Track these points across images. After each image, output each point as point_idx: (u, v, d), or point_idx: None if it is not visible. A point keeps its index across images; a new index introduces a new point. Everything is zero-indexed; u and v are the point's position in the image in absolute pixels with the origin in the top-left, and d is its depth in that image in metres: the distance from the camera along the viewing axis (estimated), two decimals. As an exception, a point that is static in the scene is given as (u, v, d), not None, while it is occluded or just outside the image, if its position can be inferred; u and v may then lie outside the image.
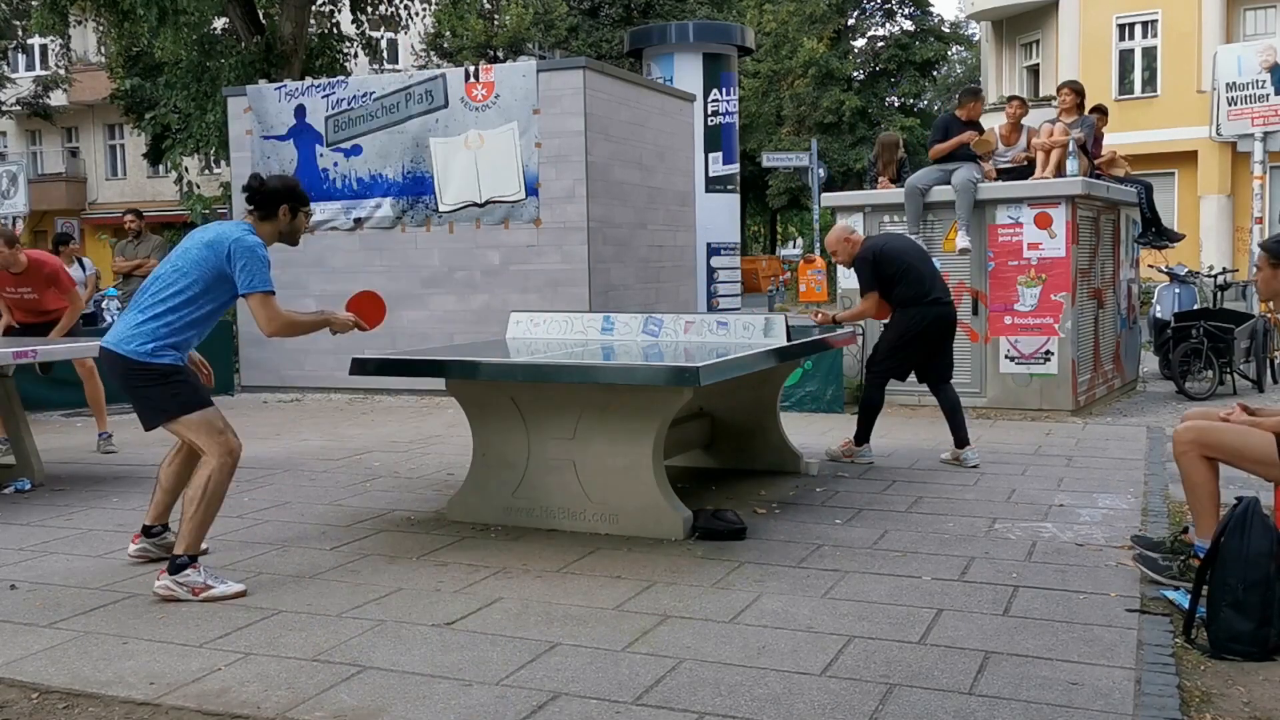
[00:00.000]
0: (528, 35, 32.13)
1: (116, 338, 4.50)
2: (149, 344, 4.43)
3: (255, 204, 4.66)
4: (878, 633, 3.87)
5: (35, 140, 40.69)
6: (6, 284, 8.00)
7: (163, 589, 4.37)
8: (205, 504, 4.44)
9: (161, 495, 4.93)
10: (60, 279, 8.06)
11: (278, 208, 4.65)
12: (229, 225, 4.61)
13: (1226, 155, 23.07)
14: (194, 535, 4.44)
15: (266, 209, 4.64)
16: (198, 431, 4.48)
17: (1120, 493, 6.08)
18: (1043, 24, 27.56)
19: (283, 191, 4.66)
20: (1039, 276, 8.95)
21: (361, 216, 11.28)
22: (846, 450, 7.12)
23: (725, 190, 15.00)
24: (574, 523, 5.39)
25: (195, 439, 4.50)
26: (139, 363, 4.42)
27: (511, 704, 3.31)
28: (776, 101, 37.81)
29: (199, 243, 4.52)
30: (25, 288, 8.00)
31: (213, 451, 4.46)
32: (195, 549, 4.46)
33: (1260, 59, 12.07)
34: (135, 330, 4.45)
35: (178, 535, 4.47)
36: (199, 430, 4.48)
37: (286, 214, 4.67)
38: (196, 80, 17.33)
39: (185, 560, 4.40)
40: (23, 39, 29.14)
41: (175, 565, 4.39)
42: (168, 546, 4.84)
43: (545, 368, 5.30)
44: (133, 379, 4.47)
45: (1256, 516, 3.70)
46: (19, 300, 8.06)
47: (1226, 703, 3.29)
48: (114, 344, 4.49)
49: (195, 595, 4.35)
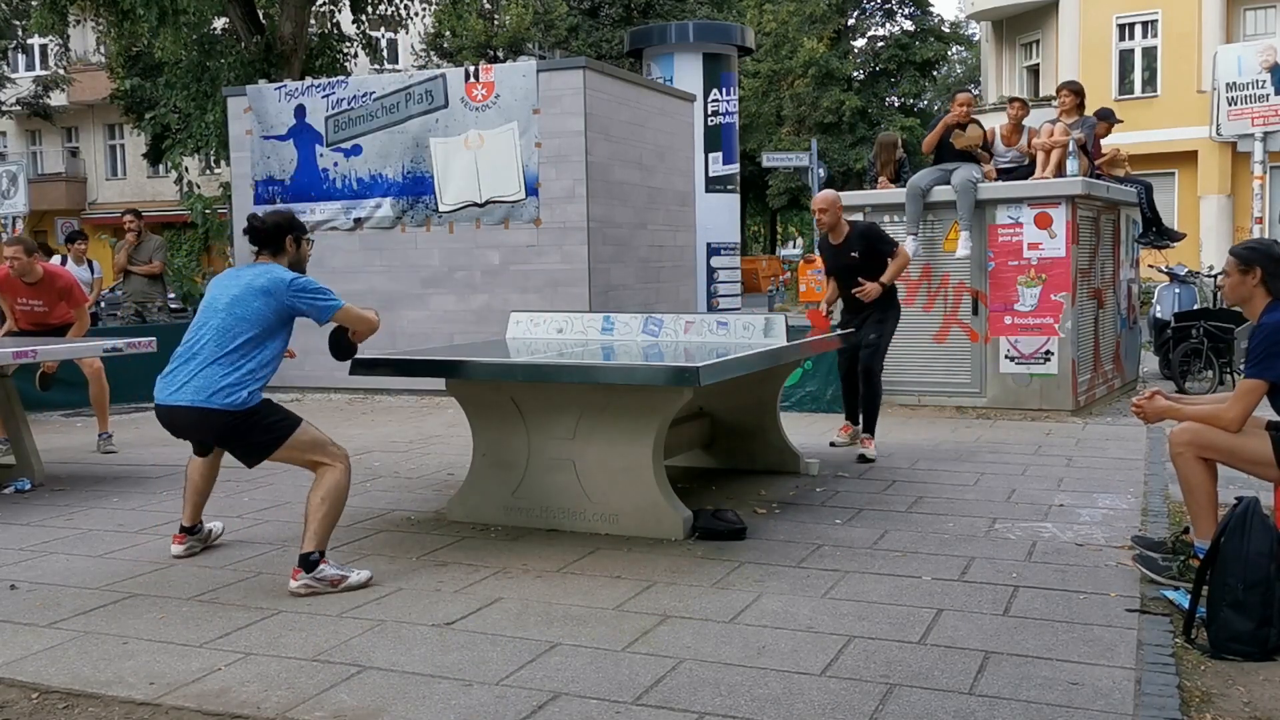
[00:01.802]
0: (528, 35, 32.14)
1: (199, 393, 4.43)
2: (242, 392, 4.45)
3: (261, 243, 4.72)
4: (878, 633, 3.87)
5: (35, 140, 40.70)
6: (19, 294, 7.89)
7: (302, 587, 4.45)
8: (332, 505, 4.55)
9: (195, 495, 5.05)
10: (74, 294, 7.96)
11: (283, 241, 4.73)
12: (272, 268, 4.63)
13: (1226, 155, 23.06)
14: (323, 533, 4.54)
15: (274, 245, 4.73)
16: (309, 450, 4.60)
17: (1120, 493, 6.08)
18: (1043, 24, 27.56)
19: (284, 225, 4.75)
20: (1039, 276, 8.95)
21: (361, 216, 11.28)
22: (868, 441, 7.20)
23: (725, 190, 15.00)
24: (574, 523, 5.39)
25: (308, 458, 4.60)
26: (239, 413, 4.45)
27: (511, 704, 3.32)
28: (776, 101, 37.81)
29: (253, 292, 4.51)
30: (36, 300, 7.90)
31: (332, 459, 4.60)
32: (324, 545, 4.55)
33: (1260, 59, 12.08)
34: (222, 383, 4.42)
35: (305, 535, 4.52)
36: (309, 449, 4.60)
37: (292, 245, 4.77)
38: (196, 80, 17.34)
39: (317, 556, 4.50)
40: (23, 39, 29.14)
41: (309, 563, 4.48)
42: (205, 538, 5.14)
43: (545, 368, 5.30)
44: (237, 430, 4.51)
45: (1256, 517, 3.70)
46: (27, 311, 7.97)
47: (1226, 703, 3.29)
48: (200, 401, 4.43)
49: (334, 587, 4.47)
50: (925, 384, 9.37)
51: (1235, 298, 4.37)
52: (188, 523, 5.09)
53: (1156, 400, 4.48)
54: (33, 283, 7.82)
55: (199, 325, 4.58)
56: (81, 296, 8.11)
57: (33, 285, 7.83)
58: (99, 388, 8.11)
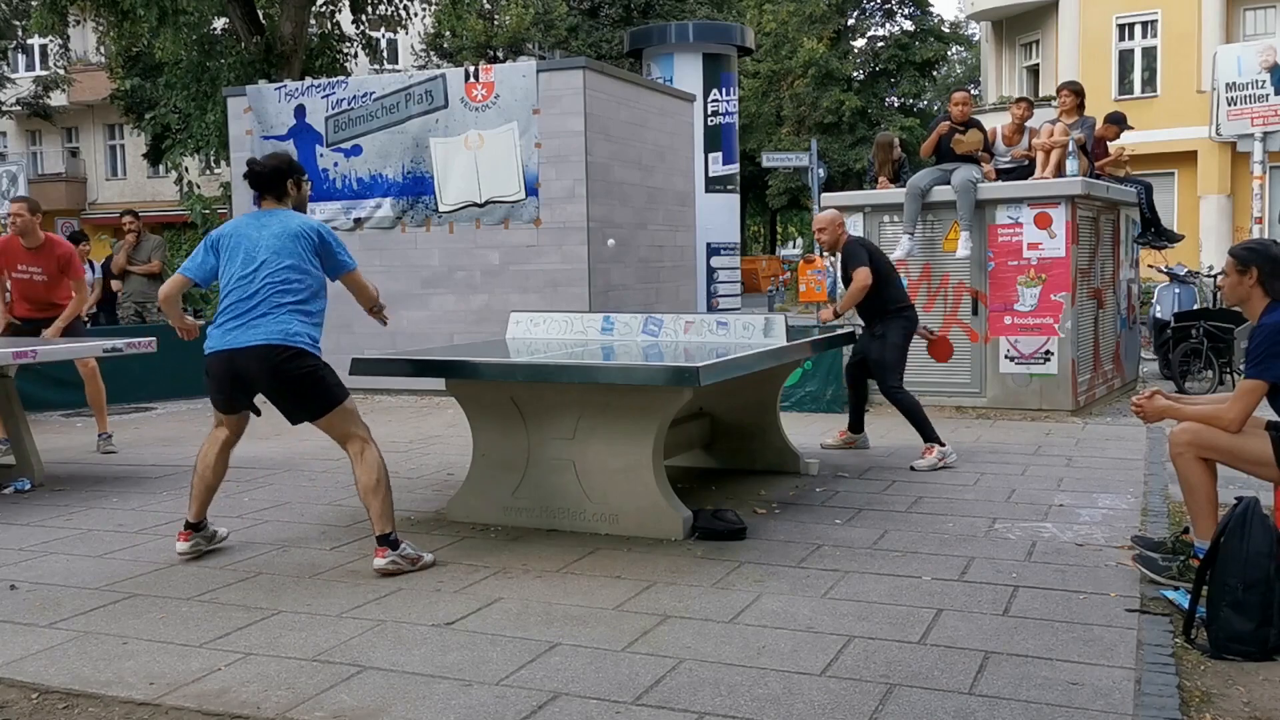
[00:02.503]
0: (528, 35, 32.14)
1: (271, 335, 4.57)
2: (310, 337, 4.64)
3: (262, 187, 4.79)
4: (878, 633, 3.87)
5: (35, 140, 40.70)
6: (18, 259, 7.78)
7: (390, 564, 4.59)
8: (384, 483, 4.69)
9: (204, 490, 5.02)
10: (74, 264, 7.90)
11: (284, 184, 4.82)
12: (293, 214, 4.78)
13: (1226, 155, 23.07)
14: (389, 512, 4.68)
15: (278, 189, 4.81)
16: (352, 422, 4.76)
17: (1120, 493, 6.08)
18: (1043, 24, 27.57)
19: (283, 168, 4.83)
20: (1039, 276, 8.95)
21: (361, 216, 11.28)
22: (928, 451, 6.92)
23: (725, 190, 15.00)
24: (574, 523, 5.39)
25: (348, 426, 4.76)
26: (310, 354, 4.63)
27: (511, 704, 3.32)
28: (776, 101, 37.81)
29: (292, 237, 4.67)
30: (36, 267, 7.80)
31: (368, 437, 4.77)
32: (393, 525, 4.67)
33: (1260, 59, 12.08)
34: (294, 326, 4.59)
35: (374, 517, 4.65)
36: (353, 421, 4.77)
37: (293, 187, 4.85)
38: (196, 80, 17.33)
39: (396, 537, 4.66)
40: (23, 39, 29.13)
41: (391, 541, 4.62)
42: (211, 538, 5.12)
43: (545, 368, 5.30)
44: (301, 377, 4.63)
45: (1256, 516, 3.70)
46: (28, 282, 7.84)
47: (1226, 703, 3.29)
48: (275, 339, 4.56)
49: (414, 565, 4.66)
50: (925, 384, 9.35)
51: (1234, 298, 4.37)
52: (193, 519, 5.04)
53: (1156, 400, 4.49)
54: (32, 247, 7.76)
55: (245, 277, 4.64)
56: (80, 269, 8.07)
57: (32, 251, 7.76)
58: (95, 388, 8.10)
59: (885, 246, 9.49)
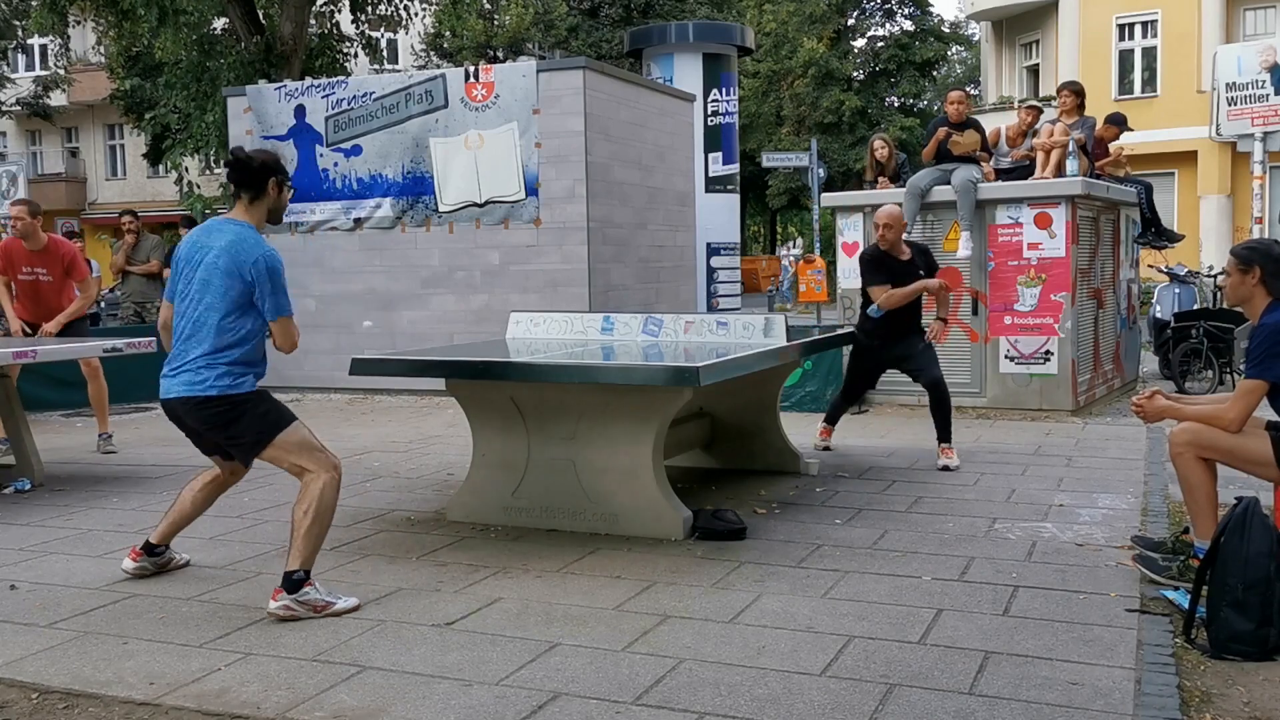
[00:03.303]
0: (528, 35, 32.13)
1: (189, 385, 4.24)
2: (226, 377, 4.24)
3: (243, 183, 4.38)
4: (878, 633, 3.87)
5: (35, 140, 40.69)
6: (21, 261, 7.79)
7: (281, 609, 4.14)
8: (319, 519, 4.26)
9: (177, 518, 4.74)
10: (78, 265, 7.92)
11: (266, 184, 4.40)
12: (238, 240, 4.28)
13: (1226, 155, 23.07)
14: (310, 550, 4.25)
15: (257, 188, 4.38)
16: (298, 452, 4.31)
17: (1120, 493, 6.08)
18: (1043, 24, 27.57)
19: (270, 165, 4.42)
20: (1039, 276, 8.95)
21: (361, 216, 11.28)
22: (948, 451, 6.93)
23: (725, 190, 15.00)
24: (574, 523, 5.39)
25: (296, 460, 4.32)
26: (223, 397, 4.23)
27: (511, 704, 3.32)
28: (776, 101, 37.79)
29: (219, 272, 4.23)
30: (40, 268, 7.81)
31: (319, 467, 4.30)
32: (310, 564, 4.26)
33: (1260, 59, 12.06)
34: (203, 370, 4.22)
35: (290, 550, 4.24)
36: (299, 450, 4.32)
37: (274, 189, 4.42)
38: (196, 80, 17.33)
39: (302, 576, 4.20)
40: (23, 39, 29.11)
41: (292, 582, 4.17)
42: (164, 564, 4.79)
43: (545, 368, 5.30)
44: (227, 419, 4.27)
45: (1256, 517, 3.70)
46: (32, 283, 7.84)
47: (1226, 703, 3.29)
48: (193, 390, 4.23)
49: (317, 613, 4.18)
50: (925, 384, 9.36)
51: (1235, 298, 4.38)
52: (155, 540, 4.74)
53: (1156, 400, 4.49)
54: (35, 249, 7.76)
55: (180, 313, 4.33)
56: (84, 269, 8.08)
57: (36, 253, 7.77)
58: (97, 386, 8.11)
59: (885, 246, 9.50)
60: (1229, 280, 4.37)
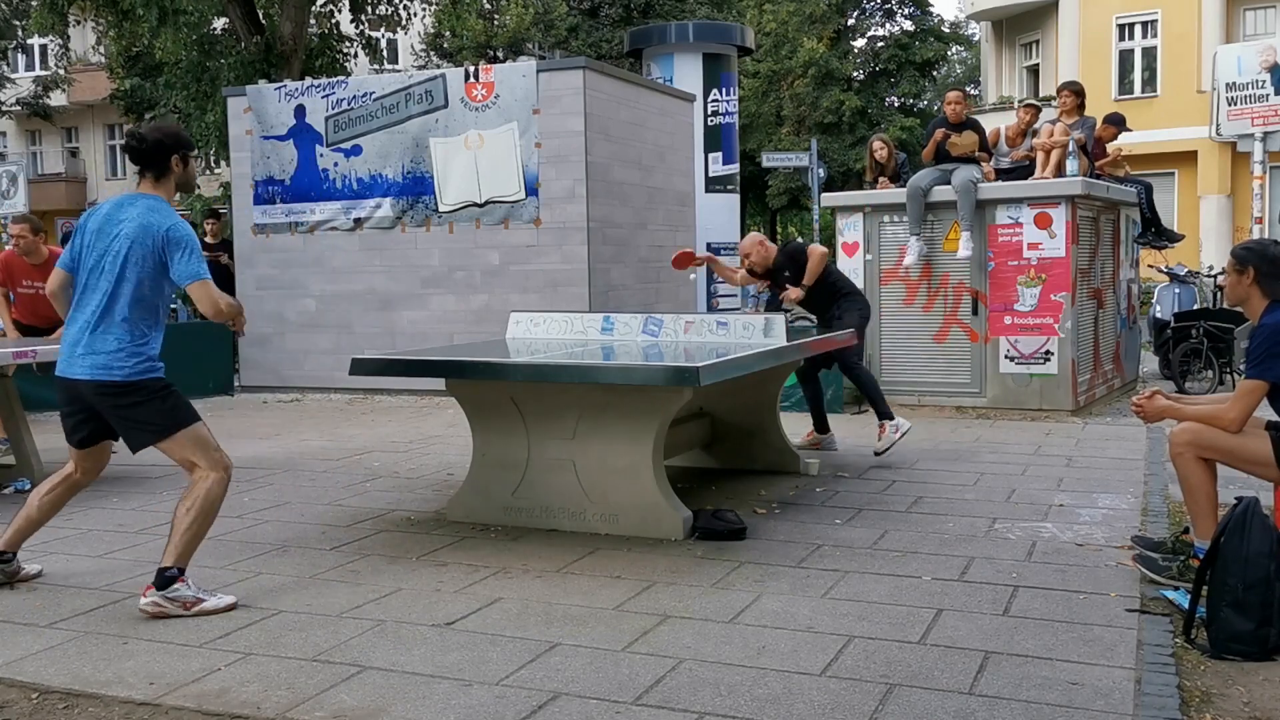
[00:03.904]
0: (528, 35, 32.12)
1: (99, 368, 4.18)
2: (143, 363, 4.21)
3: (143, 163, 4.29)
4: (878, 633, 3.87)
5: (35, 140, 40.69)
6: (22, 275, 7.83)
7: (151, 606, 4.15)
8: (202, 518, 4.25)
9: (25, 523, 4.54)
10: None
11: (168, 161, 4.29)
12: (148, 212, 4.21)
13: (1226, 155, 23.07)
14: (187, 548, 4.24)
15: (159, 166, 4.28)
16: (193, 449, 4.28)
17: (1120, 493, 6.08)
18: (1043, 24, 27.57)
19: (167, 142, 4.29)
20: (1039, 276, 8.95)
21: (361, 216, 11.29)
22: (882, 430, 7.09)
23: (725, 190, 15.01)
24: (574, 523, 5.39)
25: (189, 456, 4.29)
26: (130, 383, 4.18)
27: (511, 704, 3.31)
28: (776, 101, 37.77)
29: (125, 240, 4.16)
30: (40, 282, 7.77)
31: (210, 466, 4.29)
32: (185, 562, 4.24)
33: (1260, 59, 12.06)
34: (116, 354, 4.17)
35: (166, 547, 4.23)
36: (194, 447, 4.28)
37: (178, 164, 4.32)
38: (196, 80, 17.33)
39: (175, 573, 4.19)
40: (23, 39, 29.12)
41: (164, 579, 4.17)
42: (13, 574, 4.63)
43: (545, 368, 5.30)
44: (123, 400, 4.21)
45: (1256, 517, 3.70)
46: (33, 297, 7.84)
47: (1226, 703, 3.29)
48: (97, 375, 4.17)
49: (186, 610, 4.17)
50: (925, 384, 9.38)
51: (1234, 298, 4.38)
52: (2, 547, 4.54)
53: (1156, 400, 4.49)
54: (37, 263, 7.79)
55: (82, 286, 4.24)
56: None
57: (37, 267, 7.79)
58: None
59: (886, 246, 9.52)
60: (1228, 280, 4.38)
